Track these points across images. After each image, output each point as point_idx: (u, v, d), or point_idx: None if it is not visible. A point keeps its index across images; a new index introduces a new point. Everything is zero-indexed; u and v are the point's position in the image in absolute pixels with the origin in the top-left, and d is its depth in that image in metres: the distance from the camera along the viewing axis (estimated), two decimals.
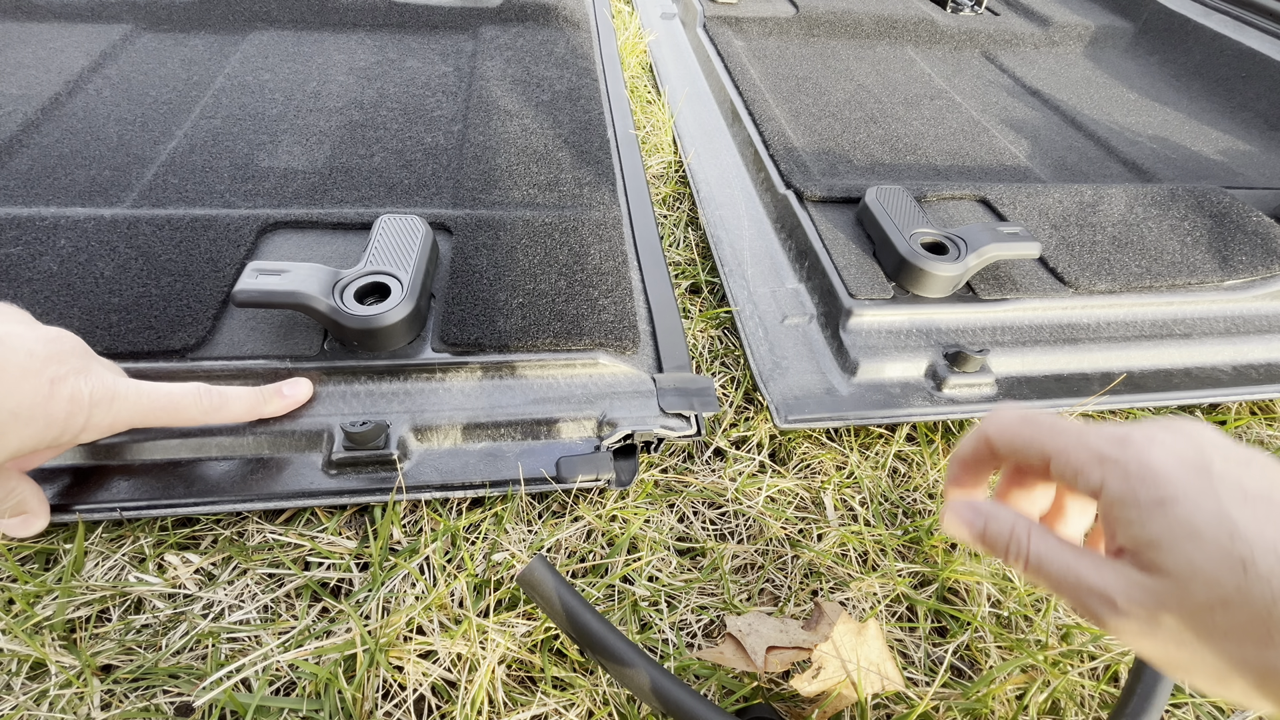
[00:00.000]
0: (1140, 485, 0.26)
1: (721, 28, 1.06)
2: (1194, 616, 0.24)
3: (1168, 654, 0.25)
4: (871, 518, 0.51)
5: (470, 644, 0.41)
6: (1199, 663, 0.25)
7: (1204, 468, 0.25)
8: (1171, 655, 0.25)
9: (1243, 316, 0.63)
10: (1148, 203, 0.70)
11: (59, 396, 0.34)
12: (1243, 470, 0.25)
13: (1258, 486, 0.24)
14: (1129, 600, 0.25)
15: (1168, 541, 0.25)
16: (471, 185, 0.66)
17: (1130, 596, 0.25)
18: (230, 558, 0.45)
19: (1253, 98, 0.98)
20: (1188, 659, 0.25)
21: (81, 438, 0.36)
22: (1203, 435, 0.27)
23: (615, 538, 0.48)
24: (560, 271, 0.56)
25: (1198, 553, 0.24)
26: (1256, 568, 0.23)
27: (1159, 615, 0.25)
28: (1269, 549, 0.23)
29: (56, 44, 0.83)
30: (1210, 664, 0.24)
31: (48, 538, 0.45)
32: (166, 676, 0.39)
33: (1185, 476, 0.25)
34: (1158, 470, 0.26)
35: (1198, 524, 0.24)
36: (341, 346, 0.49)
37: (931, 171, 0.78)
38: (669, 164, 0.86)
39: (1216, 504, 0.24)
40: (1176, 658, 0.25)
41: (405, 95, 0.81)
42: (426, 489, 0.47)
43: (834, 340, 0.58)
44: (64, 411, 0.34)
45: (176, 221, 0.57)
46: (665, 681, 0.36)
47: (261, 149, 0.70)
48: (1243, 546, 0.23)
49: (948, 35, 1.12)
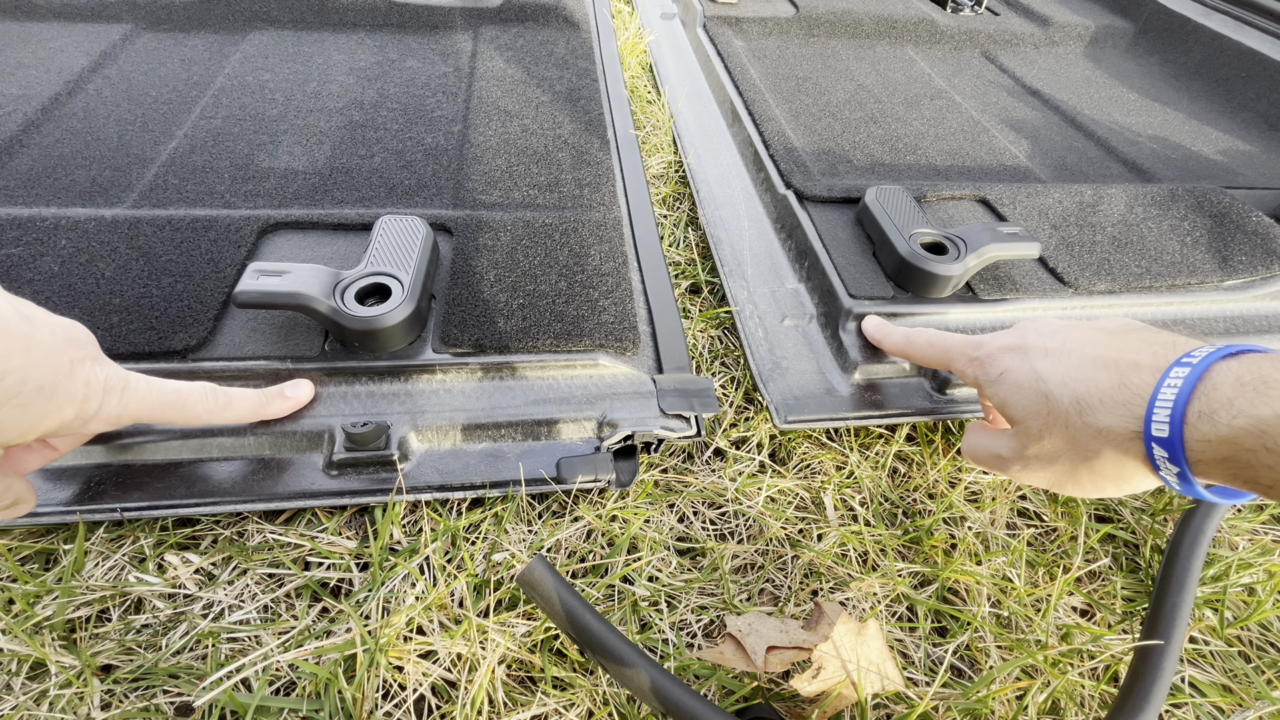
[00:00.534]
0: (989, 368, 0.40)
1: (721, 28, 1.06)
2: (1039, 444, 0.37)
3: (1043, 477, 0.38)
4: (871, 518, 0.51)
5: (470, 644, 0.41)
6: (1058, 475, 0.37)
7: (1020, 345, 0.39)
8: (1045, 477, 0.38)
9: (1242, 316, 0.63)
10: (1148, 203, 0.70)
11: (77, 377, 0.34)
12: (1045, 339, 0.38)
13: (1054, 344, 0.37)
14: (1010, 451, 0.39)
15: (1010, 400, 0.38)
16: (472, 186, 0.67)
17: (1010, 448, 0.39)
18: (230, 558, 0.45)
19: (1253, 98, 0.98)
20: (1053, 475, 0.37)
21: (91, 425, 0.36)
22: (1025, 324, 0.41)
23: (615, 538, 0.48)
24: (560, 272, 0.56)
25: (1024, 400, 0.37)
26: (1054, 396, 0.35)
27: (1024, 454, 0.38)
28: (1059, 382, 0.35)
29: (56, 44, 0.83)
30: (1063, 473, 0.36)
31: (48, 538, 0.45)
32: (166, 676, 0.39)
33: (1009, 354, 0.39)
34: (995, 355, 0.40)
35: (1020, 382, 0.37)
36: (342, 347, 0.49)
37: (931, 171, 0.78)
38: (669, 164, 0.86)
39: (1029, 365, 0.37)
40: (1048, 478, 0.37)
41: (405, 95, 0.81)
42: (427, 489, 0.47)
43: (834, 340, 0.58)
44: (81, 393, 0.35)
45: (177, 222, 0.57)
46: (665, 681, 0.36)
47: (262, 149, 0.70)
48: (1043, 385, 0.36)
49: (948, 35, 1.12)
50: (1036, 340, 0.38)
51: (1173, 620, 0.44)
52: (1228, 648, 0.46)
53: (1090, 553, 0.51)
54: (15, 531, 0.45)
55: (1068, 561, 0.50)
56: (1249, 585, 0.49)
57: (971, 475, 0.54)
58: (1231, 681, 0.45)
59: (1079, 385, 0.34)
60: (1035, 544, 0.51)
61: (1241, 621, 0.47)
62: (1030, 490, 0.55)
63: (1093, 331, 0.37)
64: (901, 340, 0.51)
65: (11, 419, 0.32)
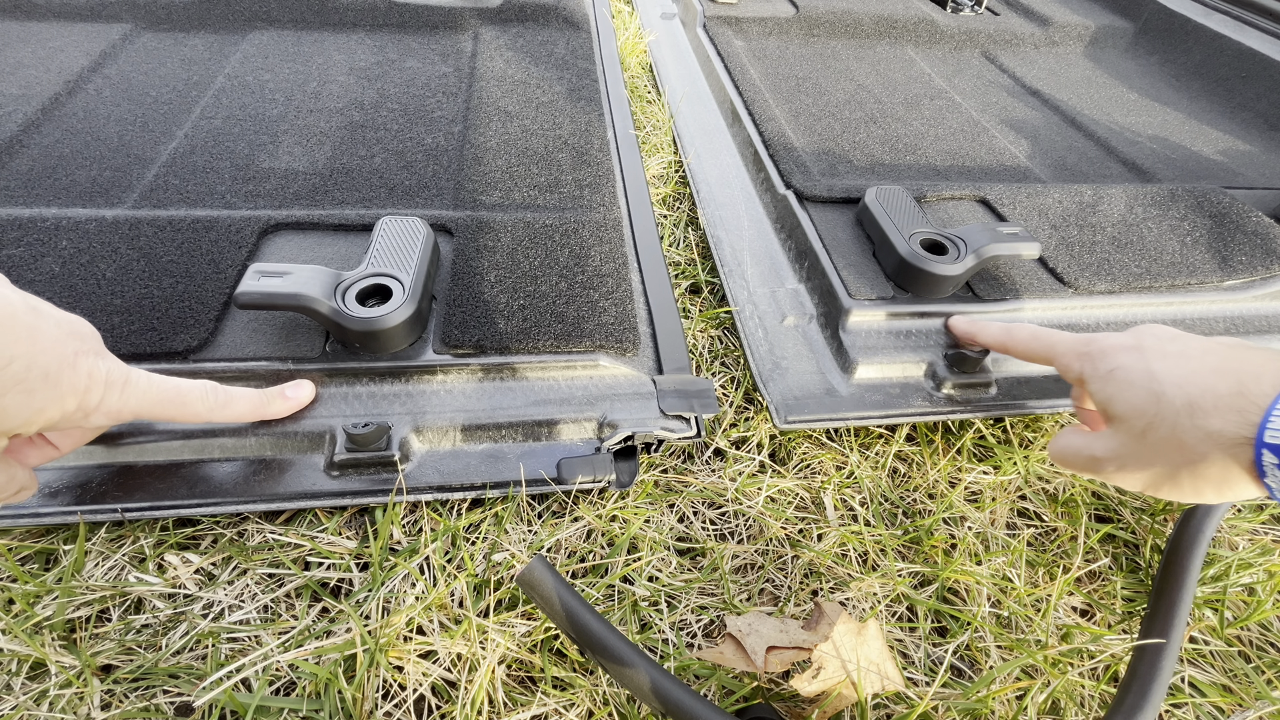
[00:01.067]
0: (1100, 363, 0.40)
1: (721, 28, 1.06)
2: (1138, 441, 0.37)
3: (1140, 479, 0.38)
4: (871, 518, 0.51)
5: (470, 644, 0.41)
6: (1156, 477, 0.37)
7: (1137, 345, 0.39)
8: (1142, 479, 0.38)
9: (1242, 317, 0.63)
10: (1147, 203, 0.70)
11: (80, 368, 0.35)
12: (1164, 343, 0.39)
13: (1173, 349, 0.38)
14: (1106, 451, 0.39)
15: (1117, 396, 0.38)
16: (472, 187, 0.67)
17: (1106, 448, 0.39)
18: (230, 558, 0.45)
19: (1253, 98, 0.98)
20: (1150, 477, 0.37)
21: (93, 419, 0.36)
22: (1142, 328, 0.41)
23: (615, 538, 0.48)
24: (561, 273, 0.56)
25: (1133, 397, 0.37)
26: (1166, 396, 0.36)
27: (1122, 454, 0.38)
28: (1174, 384, 0.36)
29: (56, 44, 0.83)
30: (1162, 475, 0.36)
31: (48, 538, 0.45)
32: (166, 676, 0.39)
33: (1124, 352, 0.40)
34: (1107, 351, 0.40)
35: (1132, 379, 0.38)
36: (343, 348, 0.49)
37: (931, 172, 0.78)
38: (669, 164, 0.86)
39: (1145, 364, 0.38)
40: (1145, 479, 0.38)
41: (405, 96, 0.81)
42: (428, 490, 0.47)
43: (834, 340, 0.58)
44: (83, 384, 0.35)
45: (178, 223, 0.57)
46: (665, 682, 0.36)
47: (262, 150, 0.70)
48: (1156, 385, 0.36)
49: (948, 35, 1.12)
50: (1154, 343, 0.39)
51: (1172, 619, 0.44)
52: (1228, 648, 0.46)
53: (1090, 553, 0.51)
54: (15, 531, 0.45)
55: (1068, 561, 0.50)
56: (1249, 585, 0.49)
57: (971, 475, 0.54)
58: (1231, 681, 0.45)
59: (1194, 388, 0.35)
60: (1035, 544, 0.52)
61: (1241, 621, 0.47)
62: (1030, 490, 0.55)
63: (1213, 342, 0.38)
64: (1000, 334, 0.51)
65: (16, 405, 0.32)
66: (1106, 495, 0.55)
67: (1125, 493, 0.55)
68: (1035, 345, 0.47)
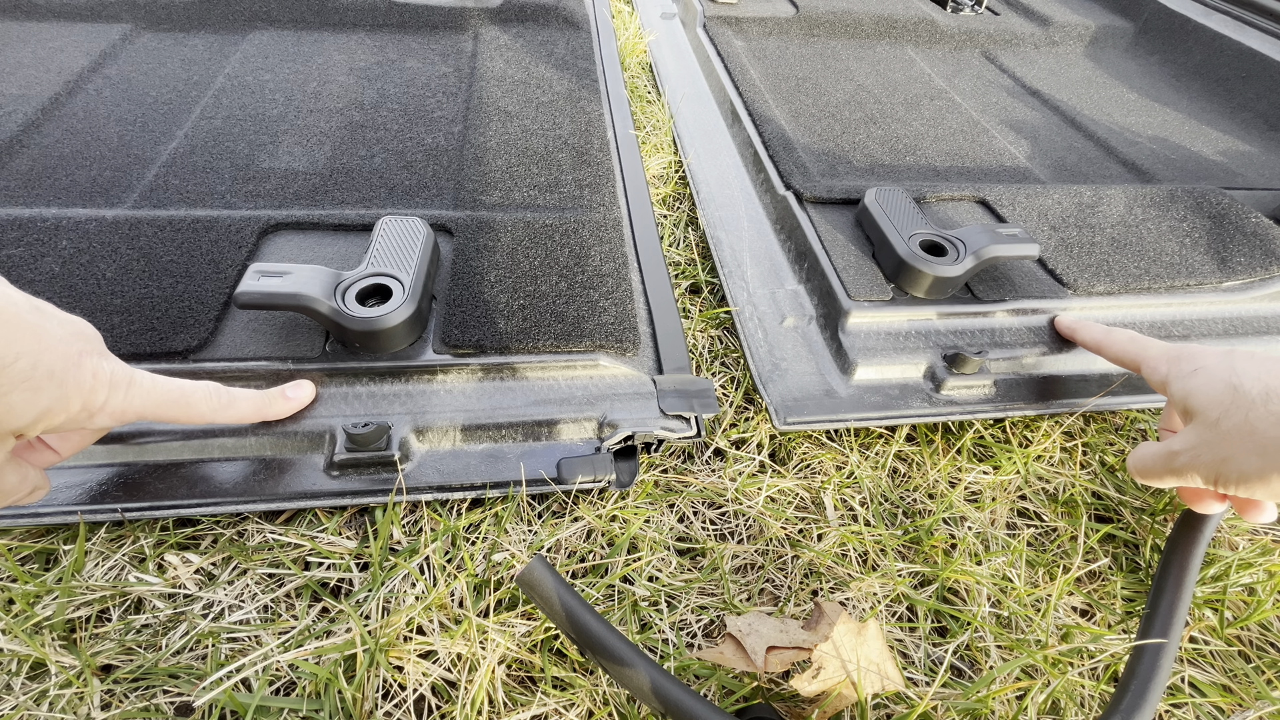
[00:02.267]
0: (1185, 364, 0.43)
1: (721, 28, 1.06)
2: (1212, 429, 0.39)
3: (1207, 466, 0.39)
4: (871, 518, 0.52)
5: (470, 644, 0.41)
6: (1221, 462, 0.38)
7: (1227, 354, 0.42)
8: (1208, 466, 0.39)
9: (1241, 318, 0.63)
10: (1147, 204, 0.70)
11: (84, 368, 0.35)
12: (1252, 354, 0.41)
13: (1260, 355, 0.40)
14: (1182, 444, 0.41)
15: (1196, 390, 0.41)
16: (472, 186, 0.67)
17: (1182, 440, 0.41)
18: (230, 558, 0.45)
19: (1253, 98, 0.99)
20: (1217, 464, 0.39)
21: (97, 420, 0.36)
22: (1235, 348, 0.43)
23: (615, 538, 0.48)
24: (561, 273, 0.56)
25: (1211, 389, 0.40)
26: (1244, 388, 0.38)
27: (1195, 442, 0.40)
28: (1253, 377, 0.38)
29: (56, 44, 0.83)
30: (1228, 460, 0.38)
31: (48, 538, 0.45)
32: (166, 676, 0.39)
33: (1212, 355, 0.42)
34: (1196, 354, 0.44)
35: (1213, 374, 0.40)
36: (343, 348, 0.49)
37: (931, 172, 0.78)
38: (669, 164, 0.86)
39: (1229, 362, 0.40)
40: (1211, 463, 0.39)
41: (405, 96, 0.81)
42: (427, 490, 0.47)
43: (833, 342, 0.58)
44: (88, 384, 0.35)
45: (178, 223, 0.57)
46: (665, 682, 0.36)
47: (262, 150, 0.70)
48: (1235, 378, 0.39)
49: (948, 35, 1.13)
50: (1242, 352, 0.42)
51: (1171, 619, 0.44)
52: (1227, 648, 0.46)
53: (1090, 553, 0.51)
54: (15, 531, 0.45)
55: (1068, 561, 0.50)
56: (1249, 585, 0.49)
57: (971, 475, 0.54)
58: (1231, 681, 0.45)
59: (1273, 379, 0.38)
60: (1035, 544, 0.52)
61: (1241, 621, 0.47)
62: (1030, 490, 0.55)
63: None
64: (1100, 334, 0.54)
65: (23, 403, 0.32)
66: (1106, 495, 0.55)
67: (1125, 493, 0.55)
68: (1131, 347, 0.50)
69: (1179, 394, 0.42)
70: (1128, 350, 0.50)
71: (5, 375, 0.31)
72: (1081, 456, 0.57)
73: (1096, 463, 0.57)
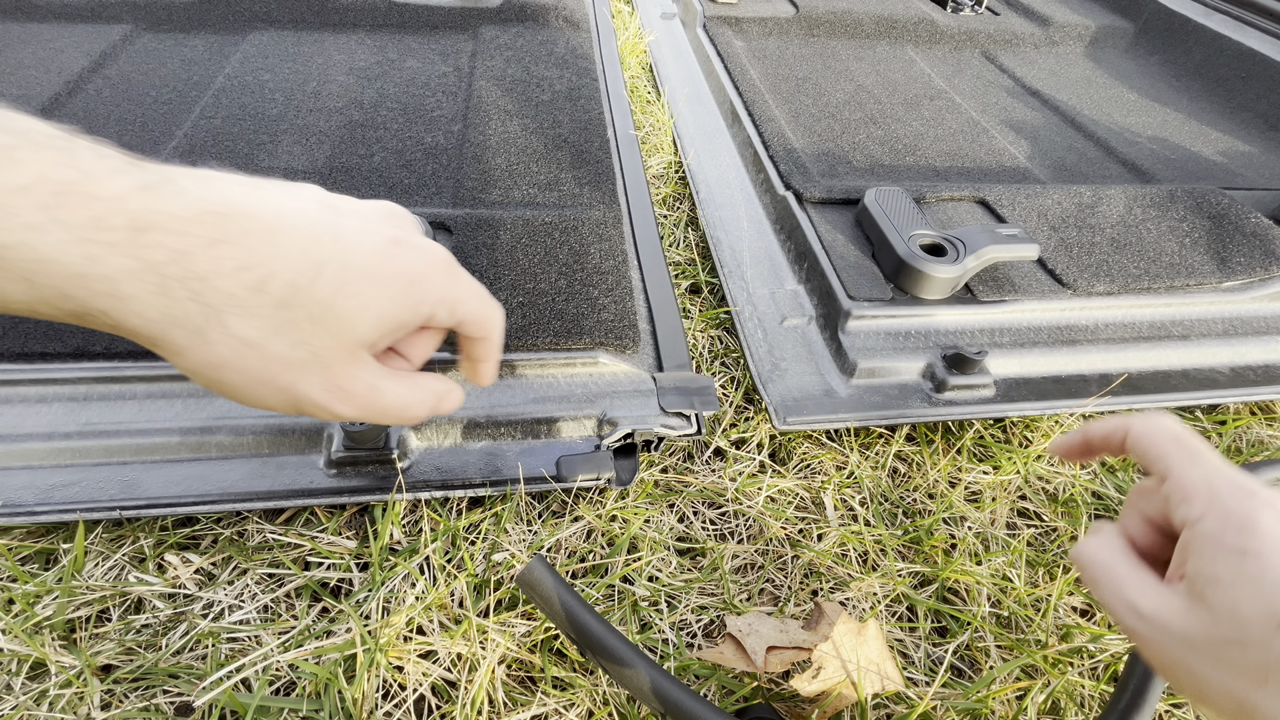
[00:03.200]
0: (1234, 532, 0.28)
1: (721, 28, 1.06)
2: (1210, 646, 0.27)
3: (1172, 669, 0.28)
4: (871, 518, 0.52)
5: (470, 644, 0.41)
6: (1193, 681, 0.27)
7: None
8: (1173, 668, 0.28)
9: (1240, 318, 0.63)
10: (1146, 204, 0.70)
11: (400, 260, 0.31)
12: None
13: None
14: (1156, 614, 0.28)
15: (1228, 582, 0.27)
16: (471, 185, 0.67)
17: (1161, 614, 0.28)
18: (230, 558, 0.45)
19: (1253, 98, 0.99)
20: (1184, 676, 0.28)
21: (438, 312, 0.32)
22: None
23: (615, 538, 0.48)
24: (560, 271, 0.56)
25: (1247, 599, 0.26)
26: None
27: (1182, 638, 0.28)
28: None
29: (56, 44, 0.83)
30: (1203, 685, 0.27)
31: (48, 538, 0.45)
32: (166, 676, 0.39)
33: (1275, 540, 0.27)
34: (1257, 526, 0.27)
35: (1264, 578, 0.26)
36: None
37: (931, 172, 0.78)
38: (669, 164, 0.86)
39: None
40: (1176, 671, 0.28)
41: (405, 95, 0.81)
42: (426, 488, 0.47)
43: (833, 342, 0.58)
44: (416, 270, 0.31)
45: None
46: (665, 682, 0.36)
47: (262, 149, 0.70)
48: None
49: (948, 35, 1.13)
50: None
51: None
52: None
53: None
54: (15, 531, 0.45)
55: (1068, 561, 0.50)
56: None
57: (971, 475, 0.54)
58: None
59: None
60: (1035, 544, 0.52)
61: None
62: (1030, 490, 0.55)
63: None
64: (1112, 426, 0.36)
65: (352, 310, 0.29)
66: (1106, 495, 0.55)
67: (1125, 493, 0.55)
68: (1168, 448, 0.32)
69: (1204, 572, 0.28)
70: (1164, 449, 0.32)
71: (318, 288, 0.28)
72: None
73: (1096, 463, 0.57)
